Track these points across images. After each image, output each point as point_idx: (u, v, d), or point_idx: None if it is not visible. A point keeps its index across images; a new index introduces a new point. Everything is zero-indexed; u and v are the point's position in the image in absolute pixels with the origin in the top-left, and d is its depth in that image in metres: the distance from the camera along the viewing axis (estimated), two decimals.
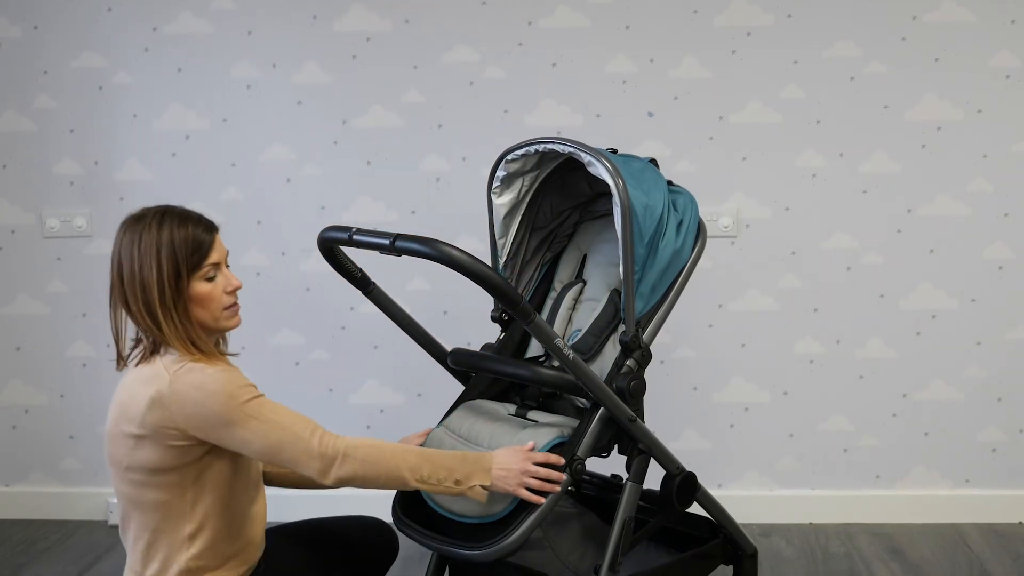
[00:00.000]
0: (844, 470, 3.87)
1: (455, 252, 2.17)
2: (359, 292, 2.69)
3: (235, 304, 2.32)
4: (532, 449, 2.38)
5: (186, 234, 2.26)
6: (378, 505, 2.77)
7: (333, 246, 2.51)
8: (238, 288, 2.32)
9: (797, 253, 3.76)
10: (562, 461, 2.37)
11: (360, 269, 2.64)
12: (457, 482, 2.30)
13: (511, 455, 2.35)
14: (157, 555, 2.28)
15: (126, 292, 2.25)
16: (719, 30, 3.66)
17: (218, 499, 2.28)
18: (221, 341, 2.40)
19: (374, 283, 2.67)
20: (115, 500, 3.86)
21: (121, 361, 2.35)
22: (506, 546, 2.32)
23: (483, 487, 2.31)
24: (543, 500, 2.34)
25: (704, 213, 2.72)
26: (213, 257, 2.27)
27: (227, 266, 2.32)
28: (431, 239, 2.20)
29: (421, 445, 2.59)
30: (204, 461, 2.25)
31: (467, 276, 2.17)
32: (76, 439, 4.02)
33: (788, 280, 3.77)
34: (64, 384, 3.99)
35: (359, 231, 2.37)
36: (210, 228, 2.30)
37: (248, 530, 2.36)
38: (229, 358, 2.36)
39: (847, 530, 3.81)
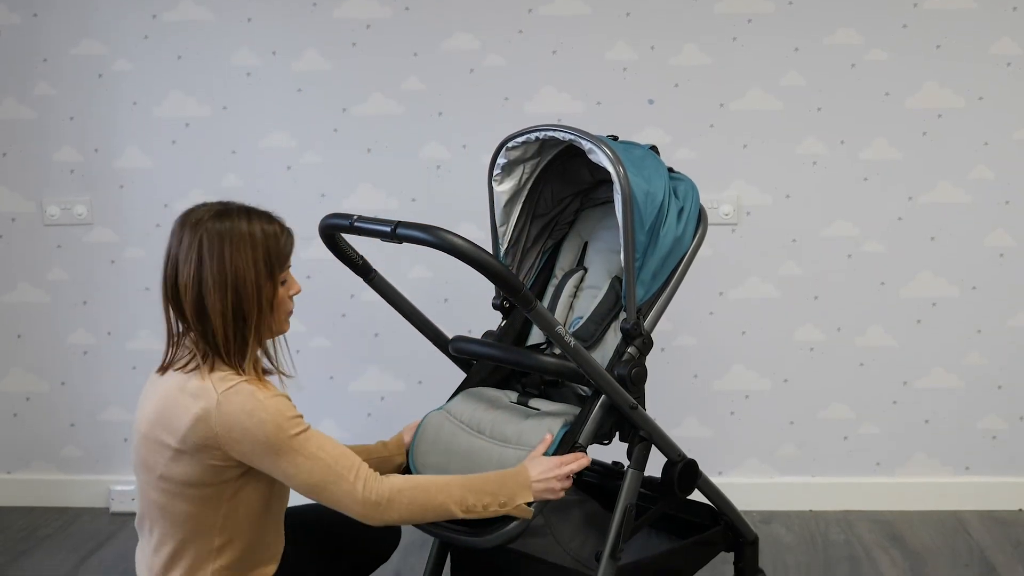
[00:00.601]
0: (844, 457, 3.88)
1: (456, 239, 2.17)
2: (359, 280, 2.69)
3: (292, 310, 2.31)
4: (550, 443, 2.39)
5: (275, 231, 2.22)
6: None
7: (334, 233, 2.51)
8: (298, 292, 2.30)
9: (798, 241, 3.76)
10: (588, 460, 2.38)
11: (361, 256, 2.64)
12: (502, 504, 2.28)
13: (544, 464, 2.34)
14: (181, 562, 2.24)
15: (211, 291, 2.15)
16: (720, 17, 3.65)
17: (252, 515, 2.25)
18: (269, 355, 2.33)
19: (375, 271, 2.67)
20: (117, 488, 3.91)
21: (166, 366, 2.25)
22: (507, 532, 2.32)
23: (527, 505, 2.30)
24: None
25: (705, 200, 2.72)
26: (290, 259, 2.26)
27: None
28: (432, 226, 2.20)
29: (417, 430, 2.59)
30: (241, 481, 2.21)
31: (468, 263, 2.17)
32: (77, 427, 4.02)
33: (789, 268, 3.77)
34: (65, 372, 3.99)
35: (361, 218, 2.36)
36: (290, 231, 2.27)
37: (278, 541, 2.35)
38: (284, 379, 2.30)
39: (847, 517, 3.81)
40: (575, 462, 2.36)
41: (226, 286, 2.15)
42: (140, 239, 3.85)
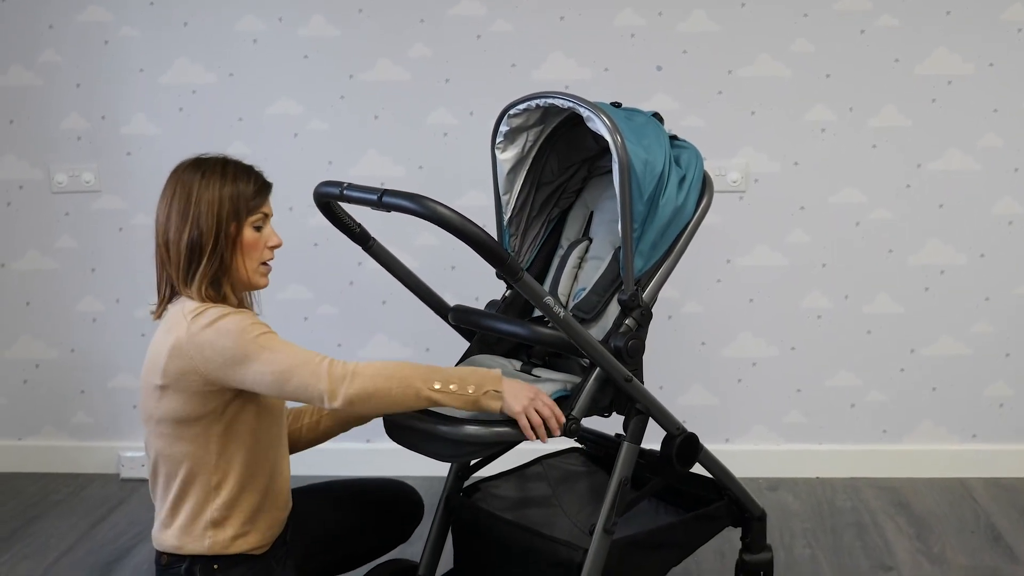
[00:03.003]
0: (851, 425, 3.89)
1: (442, 209, 2.14)
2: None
3: (269, 264, 2.38)
4: None
5: (248, 178, 2.33)
6: (409, 465, 2.77)
7: (329, 201, 2.50)
8: (278, 246, 2.38)
9: (806, 208, 3.75)
10: (563, 418, 2.33)
11: (359, 224, 2.62)
12: (472, 390, 2.24)
13: (521, 384, 2.32)
14: (185, 506, 2.32)
15: (177, 226, 2.28)
16: None
17: (244, 451, 2.32)
18: (249, 303, 2.44)
19: (374, 238, 2.65)
20: (127, 454, 3.95)
21: (158, 315, 2.38)
22: (469, 434, 2.27)
23: (496, 391, 2.25)
24: (535, 438, 2.28)
25: (712, 168, 2.70)
26: (266, 208, 2.35)
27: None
28: (418, 195, 2.17)
29: None
30: (229, 412, 2.28)
31: (453, 233, 2.15)
32: (87, 393, 4.04)
33: (796, 235, 3.76)
34: (75, 339, 4.01)
35: (350, 186, 2.35)
36: (267, 183, 2.38)
37: (273, 484, 2.39)
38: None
39: (854, 484, 3.82)
40: (552, 405, 2.30)
41: (187, 217, 2.27)
42: (148, 206, 3.79)
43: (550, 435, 2.31)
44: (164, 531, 2.35)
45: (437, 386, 2.23)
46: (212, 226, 2.26)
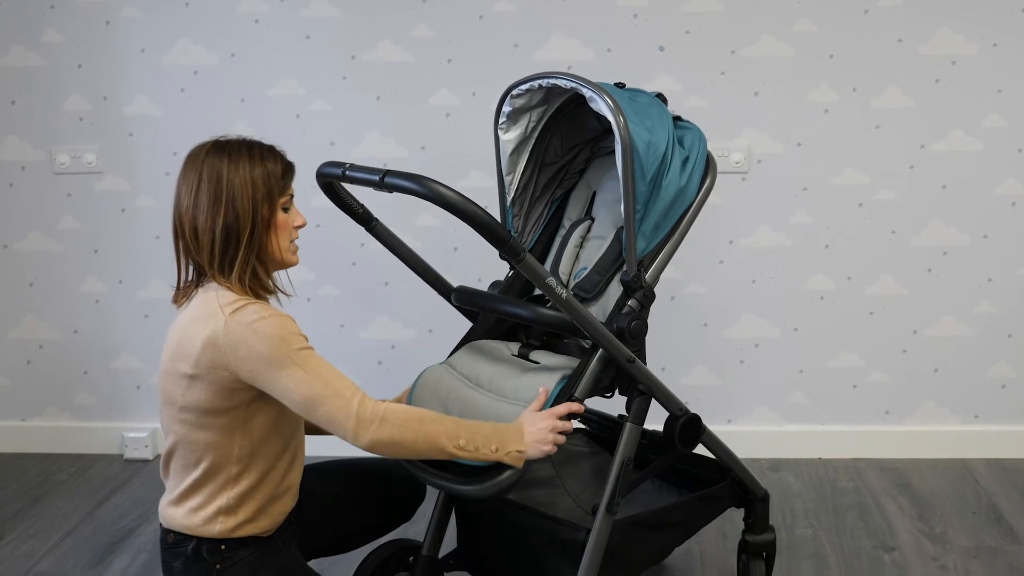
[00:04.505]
0: (854, 405, 3.89)
1: (443, 189, 2.14)
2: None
3: (295, 243, 2.36)
4: (545, 399, 2.38)
5: (275, 159, 2.29)
6: None
7: (331, 181, 2.50)
8: (303, 225, 2.35)
9: (809, 189, 3.74)
10: (581, 408, 2.37)
11: (362, 205, 2.63)
12: (494, 449, 2.27)
13: (537, 418, 2.33)
14: (201, 492, 2.31)
15: (209, 212, 2.22)
16: None
17: (266, 445, 2.30)
18: (276, 284, 2.42)
19: (376, 219, 2.66)
20: (131, 435, 3.95)
21: (178, 301, 2.35)
22: (501, 481, 2.30)
23: (519, 451, 2.29)
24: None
25: (715, 148, 2.69)
26: (291, 188, 2.32)
27: None
28: (419, 176, 2.17)
29: (414, 383, 2.61)
30: (253, 407, 2.26)
31: (455, 214, 2.14)
32: (90, 374, 4.05)
33: (799, 216, 3.76)
34: (78, 320, 4.01)
35: (352, 167, 2.35)
36: (291, 163, 2.34)
37: (288, 477, 2.39)
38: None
39: (856, 465, 3.83)
40: (567, 409, 2.35)
41: (220, 203, 2.22)
42: (150, 187, 3.85)
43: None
44: (174, 509, 2.34)
45: (462, 442, 2.26)
46: (248, 209, 2.22)
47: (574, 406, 2.36)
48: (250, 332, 2.17)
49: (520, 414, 2.36)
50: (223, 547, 2.31)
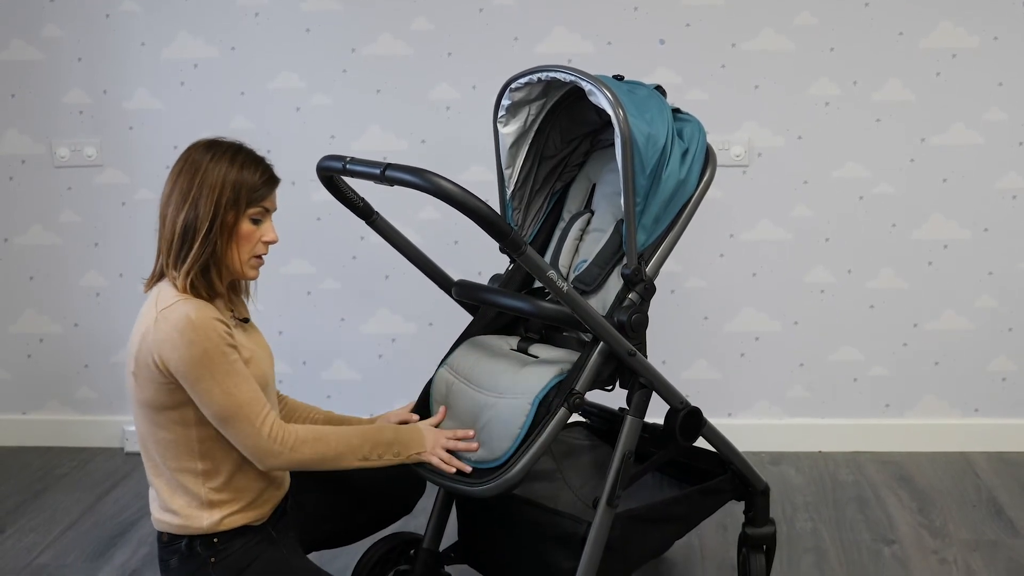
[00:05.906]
0: (854, 399, 3.89)
1: (444, 183, 2.14)
2: None
3: (262, 257, 2.34)
4: (444, 415, 2.54)
5: (255, 169, 2.29)
6: None
7: (332, 175, 2.50)
8: (273, 242, 2.33)
9: (809, 182, 3.74)
10: (471, 434, 2.43)
11: (362, 199, 2.62)
12: (396, 454, 2.40)
13: (433, 434, 2.46)
14: (179, 490, 2.31)
15: (176, 204, 2.24)
16: None
17: (223, 438, 2.29)
18: (240, 297, 2.43)
19: (377, 212, 2.66)
20: (131, 428, 3.95)
21: (147, 284, 2.36)
22: (507, 480, 2.33)
23: (418, 454, 2.42)
24: (449, 468, 2.42)
25: (716, 142, 2.68)
26: (268, 202, 2.31)
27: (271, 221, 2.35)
28: (421, 169, 2.17)
29: (427, 386, 2.62)
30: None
31: (456, 207, 2.15)
32: (91, 368, 4.05)
33: (800, 209, 3.76)
34: (78, 314, 4.01)
35: (353, 160, 2.35)
36: (274, 177, 2.33)
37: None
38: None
39: (856, 458, 3.83)
40: (454, 436, 2.45)
41: (187, 198, 2.23)
42: (150, 181, 3.85)
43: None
44: (160, 512, 2.35)
45: (366, 452, 2.36)
46: (209, 211, 2.22)
47: (460, 432, 2.45)
48: (176, 334, 2.18)
49: (519, 407, 2.39)
50: (215, 540, 2.32)
